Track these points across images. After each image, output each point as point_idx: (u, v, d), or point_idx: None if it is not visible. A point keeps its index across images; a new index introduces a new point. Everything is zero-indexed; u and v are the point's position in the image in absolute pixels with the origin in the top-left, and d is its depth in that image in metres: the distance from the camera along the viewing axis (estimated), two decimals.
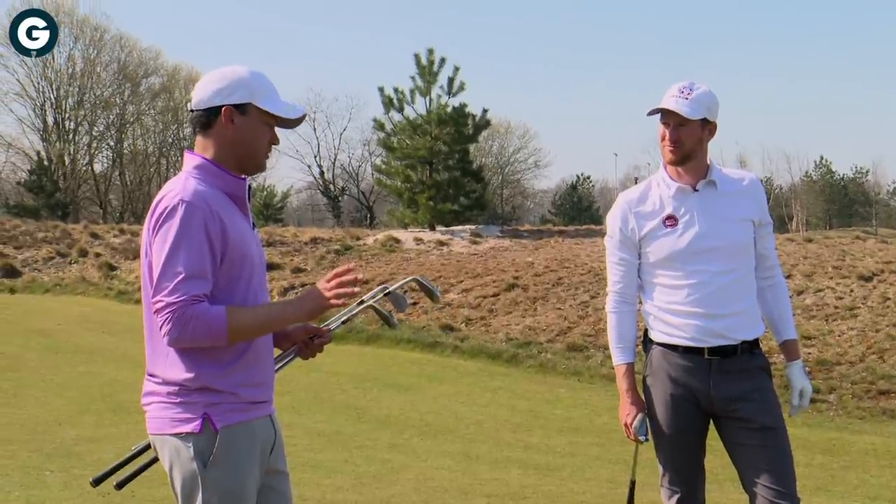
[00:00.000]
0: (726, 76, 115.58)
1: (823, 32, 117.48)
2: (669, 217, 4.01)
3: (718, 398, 3.94)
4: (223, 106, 3.10)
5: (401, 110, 28.18)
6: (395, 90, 27.96)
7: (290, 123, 3.25)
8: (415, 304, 17.72)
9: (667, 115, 3.99)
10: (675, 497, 4.06)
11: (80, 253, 25.74)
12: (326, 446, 9.27)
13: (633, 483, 4.23)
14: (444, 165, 28.54)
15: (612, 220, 4.15)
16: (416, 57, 27.74)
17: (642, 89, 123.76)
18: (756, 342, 4.02)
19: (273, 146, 3.24)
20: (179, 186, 3.02)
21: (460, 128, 27.77)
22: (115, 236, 28.08)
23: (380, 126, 29.02)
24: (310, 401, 11.68)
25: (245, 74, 3.14)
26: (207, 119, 3.12)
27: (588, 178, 77.94)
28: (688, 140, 3.97)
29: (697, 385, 3.95)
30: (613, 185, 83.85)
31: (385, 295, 3.42)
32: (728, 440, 4.02)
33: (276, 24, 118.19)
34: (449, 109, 27.54)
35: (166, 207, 2.96)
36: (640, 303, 4.20)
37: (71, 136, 56.76)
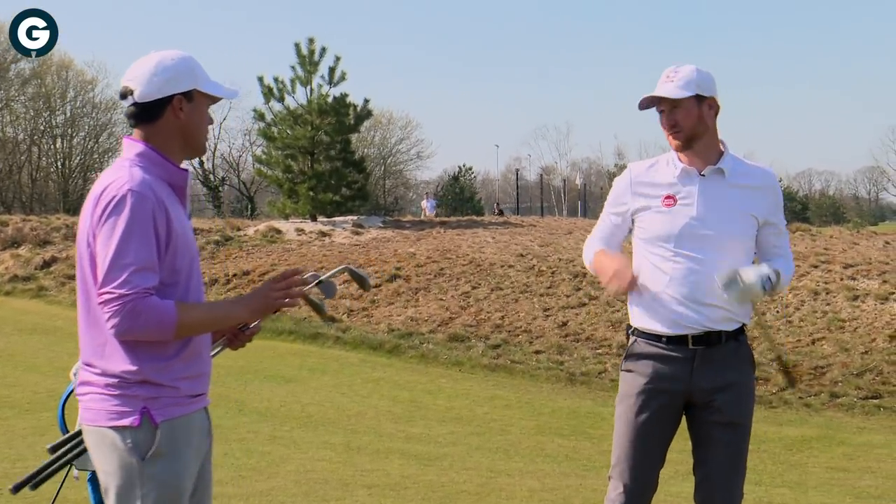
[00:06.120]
0: (607, 69, 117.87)
1: (690, 27, 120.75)
2: (668, 196, 3.96)
3: (698, 389, 3.93)
4: (174, 96, 3.06)
5: (281, 100, 27.83)
6: (276, 80, 27.62)
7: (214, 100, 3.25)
8: None
9: (660, 103, 3.95)
10: (620, 489, 3.98)
11: None
12: None
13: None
14: (326, 156, 28.31)
15: (616, 189, 4.16)
16: (297, 46, 27.46)
17: (523, 81, 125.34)
18: (741, 329, 4.01)
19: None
20: (126, 175, 2.97)
21: (342, 118, 27.58)
22: None
23: (260, 116, 28.59)
24: None
25: (185, 60, 3.12)
26: (154, 110, 3.07)
27: (470, 169, 78.29)
28: (685, 121, 3.93)
29: (679, 374, 3.92)
30: (495, 176, 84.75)
31: (317, 284, 3.43)
32: (694, 429, 4.03)
33: (151, 5, 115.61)
34: (330, 99, 27.33)
35: (114, 197, 2.91)
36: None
37: None
